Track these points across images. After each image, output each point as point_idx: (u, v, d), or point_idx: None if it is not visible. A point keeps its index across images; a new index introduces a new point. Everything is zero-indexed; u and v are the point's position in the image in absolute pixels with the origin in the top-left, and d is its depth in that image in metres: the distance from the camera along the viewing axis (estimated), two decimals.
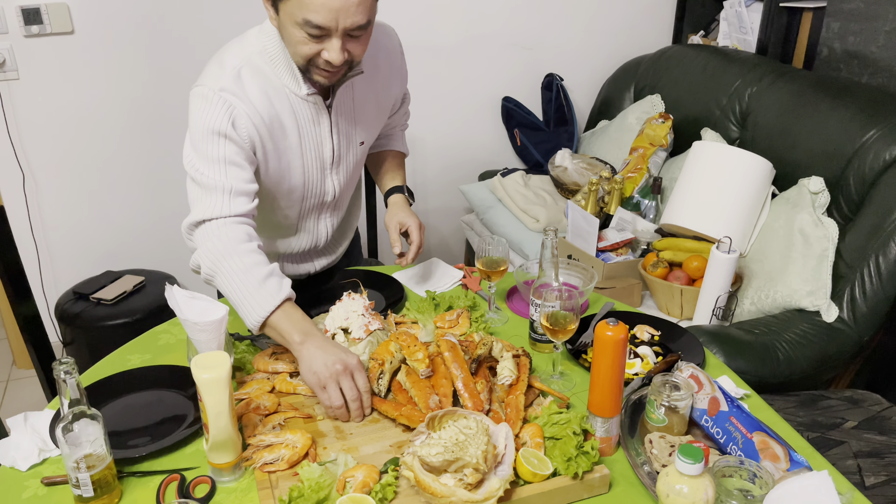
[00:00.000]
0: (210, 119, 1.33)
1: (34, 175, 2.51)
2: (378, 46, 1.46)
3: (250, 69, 1.36)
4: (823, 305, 1.84)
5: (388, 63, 1.53)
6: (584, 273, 1.60)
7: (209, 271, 1.31)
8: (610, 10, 2.98)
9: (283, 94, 1.38)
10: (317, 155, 1.47)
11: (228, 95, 1.33)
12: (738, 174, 2.08)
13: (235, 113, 1.33)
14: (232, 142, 1.34)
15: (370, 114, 1.53)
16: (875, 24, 2.18)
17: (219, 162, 1.34)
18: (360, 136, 1.54)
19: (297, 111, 1.41)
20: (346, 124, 1.49)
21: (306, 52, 1.26)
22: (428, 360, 1.24)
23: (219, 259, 1.29)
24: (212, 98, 1.33)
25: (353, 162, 1.57)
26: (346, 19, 1.21)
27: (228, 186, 1.34)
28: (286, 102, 1.39)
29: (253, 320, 1.25)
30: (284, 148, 1.42)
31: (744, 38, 2.69)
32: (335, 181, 1.54)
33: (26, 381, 2.68)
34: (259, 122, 1.36)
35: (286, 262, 1.68)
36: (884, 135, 1.89)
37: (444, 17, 2.78)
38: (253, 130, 1.36)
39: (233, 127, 1.33)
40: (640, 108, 2.71)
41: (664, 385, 1.14)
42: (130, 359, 1.40)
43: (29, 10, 2.31)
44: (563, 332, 1.26)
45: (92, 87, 2.47)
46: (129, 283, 2.49)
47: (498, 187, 2.67)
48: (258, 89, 1.36)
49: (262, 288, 1.26)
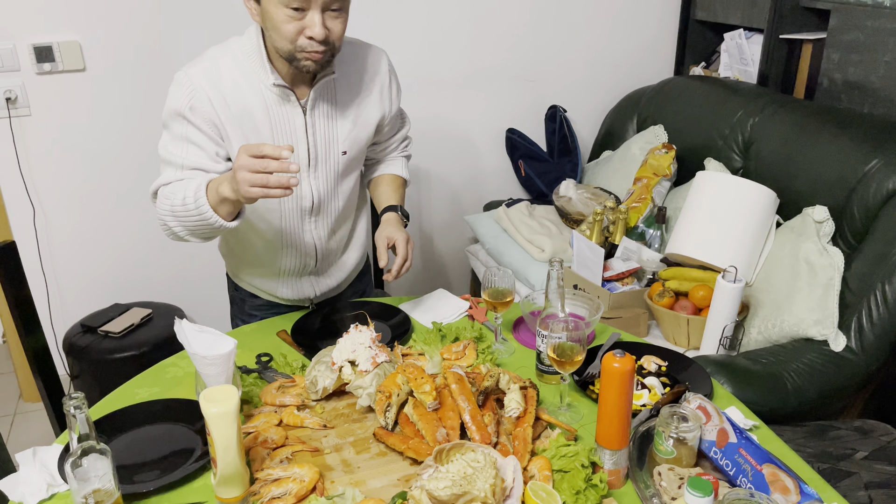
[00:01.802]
0: (174, 99, 1.44)
1: (44, 209, 2.53)
2: (365, 63, 1.57)
3: (229, 61, 1.46)
4: (831, 334, 1.83)
5: (373, 81, 1.59)
6: (591, 303, 1.60)
7: (176, 225, 1.42)
8: (612, 42, 3.02)
9: (257, 89, 1.46)
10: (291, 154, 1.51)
11: (196, 80, 1.43)
12: (742, 204, 2.09)
13: (197, 96, 1.43)
14: (191, 123, 1.44)
15: (349, 124, 1.57)
16: (875, 54, 2.21)
17: (178, 139, 1.46)
18: (342, 146, 1.57)
19: (270, 107, 1.47)
20: (325, 129, 1.54)
21: (290, 32, 1.34)
22: (435, 393, 1.24)
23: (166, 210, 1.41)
24: (181, 80, 1.44)
25: (335, 170, 1.59)
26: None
27: (180, 162, 1.45)
28: (259, 96, 1.46)
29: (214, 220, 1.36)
30: (254, 139, 1.47)
31: (745, 69, 2.72)
32: (312, 185, 1.57)
33: (34, 414, 2.68)
34: (223, 107, 1.44)
35: (283, 285, 1.70)
36: (886, 164, 1.90)
37: (449, 50, 2.82)
38: (214, 115, 1.44)
39: (191, 109, 1.43)
40: (644, 138, 2.73)
41: (672, 416, 1.14)
42: (138, 392, 1.40)
43: (41, 48, 2.36)
44: (570, 363, 1.26)
45: (101, 123, 2.51)
46: (136, 316, 2.50)
47: (503, 217, 2.69)
48: (230, 79, 1.45)
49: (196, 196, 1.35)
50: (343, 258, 1.77)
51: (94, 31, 2.40)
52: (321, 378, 1.34)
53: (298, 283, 1.72)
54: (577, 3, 2.91)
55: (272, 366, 1.48)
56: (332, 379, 1.34)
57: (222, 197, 1.33)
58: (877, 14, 2.19)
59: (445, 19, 2.78)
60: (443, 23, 2.78)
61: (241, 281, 1.78)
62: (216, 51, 1.48)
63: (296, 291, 1.73)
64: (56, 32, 2.37)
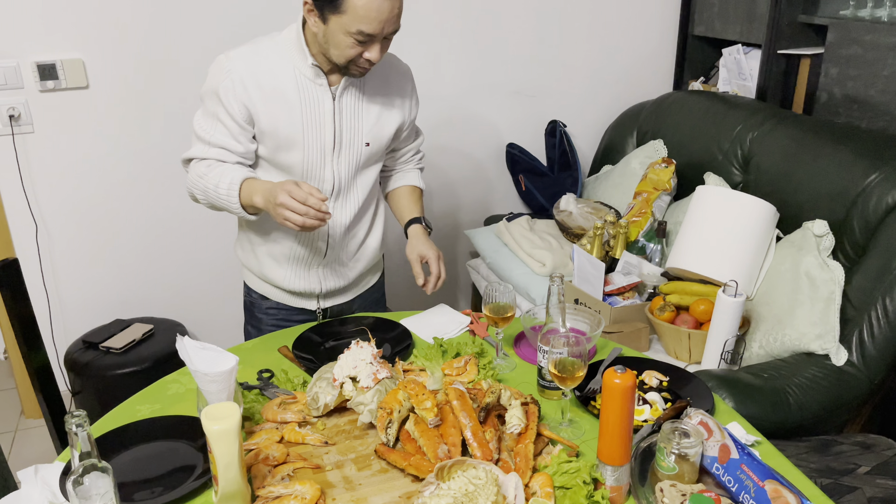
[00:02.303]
0: (211, 78, 1.58)
1: (47, 226, 2.54)
2: (393, 71, 1.70)
3: (268, 46, 1.59)
4: (832, 349, 1.83)
5: (398, 84, 1.71)
6: (592, 318, 1.61)
7: (201, 196, 1.62)
8: (611, 58, 3.04)
9: (291, 73, 1.57)
10: (317, 136, 1.61)
11: (234, 62, 1.55)
12: (742, 218, 2.09)
13: (232, 76, 1.55)
14: (221, 102, 1.56)
15: (373, 118, 1.67)
16: (873, 69, 2.22)
17: (209, 116, 1.60)
18: (366, 137, 1.66)
19: (302, 90, 1.58)
20: (351, 118, 1.64)
21: (352, 55, 1.49)
22: (436, 409, 1.24)
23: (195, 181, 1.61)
24: (220, 61, 1.57)
25: (356, 159, 1.67)
26: (389, 27, 1.48)
27: (208, 138, 1.59)
28: (292, 80, 1.57)
29: (240, 212, 1.57)
30: (287, 120, 1.58)
31: (743, 83, 2.73)
32: (335, 169, 1.65)
33: (35, 430, 2.68)
34: (255, 88, 1.55)
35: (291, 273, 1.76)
36: (886, 178, 1.90)
37: (450, 66, 2.84)
38: (246, 96, 1.55)
39: (224, 89, 1.55)
40: (643, 153, 2.74)
41: (674, 432, 1.14)
42: (140, 409, 1.40)
43: (45, 65, 2.37)
44: (572, 378, 1.26)
45: (104, 139, 2.52)
46: (138, 332, 2.50)
47: (504, 232, 2.69)
48: (267, 62, 1.57)
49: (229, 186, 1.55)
50: (353, 260, 1.80)
51: (97, 49, 2.42)
52: (322, 394, 1.34)
53: (307, 274, 1.76)
54: (577, 19, 2.94)
55: (273, 382, 1.48)
56: (334, 395, 1.34)
57: (253, 203, 1.53)
58: (874, 29, 2.20)
59: (446, 36, 2.80)
60: (444, 39, 2.80)
61: (252, 276, 1.83)
62: (261, 38, 1.61)
63: (304, 282, 1.76)
64: (60, 50, 2.39)
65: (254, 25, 2.50)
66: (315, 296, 1.80)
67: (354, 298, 1.86)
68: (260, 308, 1.85)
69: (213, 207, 1.65)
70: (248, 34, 1.65)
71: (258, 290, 1.83)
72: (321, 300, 1.81)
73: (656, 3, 3.00)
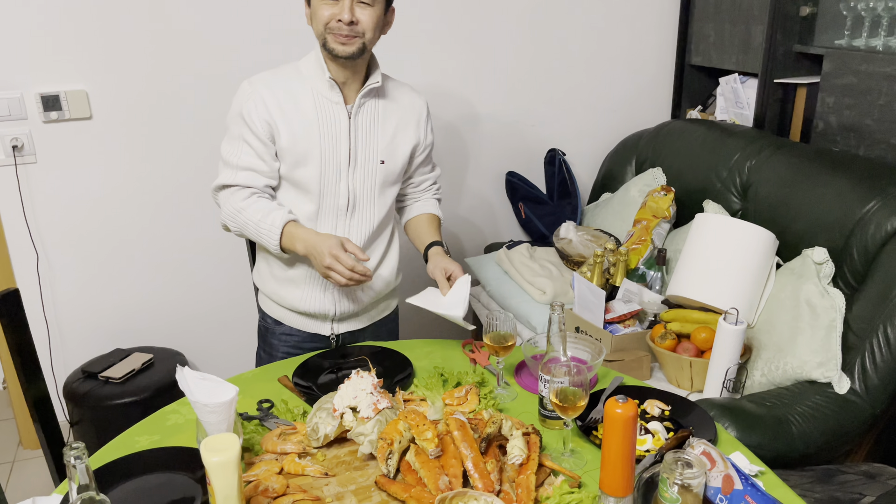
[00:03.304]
0: (235, 103, 1.69)
1: (48, 255, 2.55)
2: (407, 98, 1.79)
3: (290, 69, 1.72)
4: (835, 377, 1.82)
5: (413, 108, 1.80)
6: (593, 346, 1.60)
7: (235, 229, 1.71)
8: (609, 87, 3.07)
9: (310, 94, 1.68)
10: (334, 151, 1.69)
11: (255, 85, 1.67)
12: (741, 245, 2.10)
13: (254, 97, 1.65)
14: (246, 124, 1.66)
15: (388, 138, 1.75)
16: (868, 97, 2.24)
17: (236, 139, 1.69)
18: (380, 154, 1.74)
19: (320, 109, 1.68)
20: (365, 136, 1.72)
21: (325, 16, 1.59)
22: (437, 440, 1.24)
23: (233, 215, 1.69)
24: (243, 87, 1.69)
25: (372, 175, 1.74)
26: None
27: (235, 161, 1.68)
28: (311, 99, 1.68)
29: (277, 253, 1.68)
30: (304, 135, 1.67)
31: (740, 112, 2.76)
32: (350, 185, 1.72)
33: (33, 461, 2.65)
34: (276, 106, 1.65)
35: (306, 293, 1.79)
36: (884, 205, 1.91)
37: (451, 96, 2.87)
38: (267, 114, 1.65)
39: (248, 111, 1.65)
40: (642, 180, 2.76)
41: (676, 462, 1.13)
42: (139, 440, 1.39)
43: (49, 97, 2.40)
44: (573, 408, 1.25)
45: (106, 170, 2.54)
46: (137, 361, 2.49)
47: (504, 259, 2.70)
48: (287, 83, 1.68)
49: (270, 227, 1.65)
50: (367, 286, 1.82)
51: (101, 80, 2.45)
52: (322, 425, 1.33)
53: (322, 296, 1.79)
54: (575, 49, 2.97)
55: (273, 412, 1.47)
56: (334, 426, 1.33)
57: (294, 250, 1.64)
58: (869, 59, 2.23)
59: (447, 66, 2.83)
60: (444, 69, 2.83)
61: (268, 301, 1.86)
62: (281, 66, 1.74)
63: (318, 303, 1.79)
64: (64, 81, 2.42)
65: (258, 58, 2.53)
66: (329, 318, 1.82)
67: (367, 326, 1.88)
68: (273, 333, 1.87)
69: (242, 236, 1.74)
70: (250, 67, 1.68)
71: (273, 315, 1.86)
72: (335, 324, 1.83)
73: (653, 33, 3.04)
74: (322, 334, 1.84)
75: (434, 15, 2.75)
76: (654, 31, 3.04)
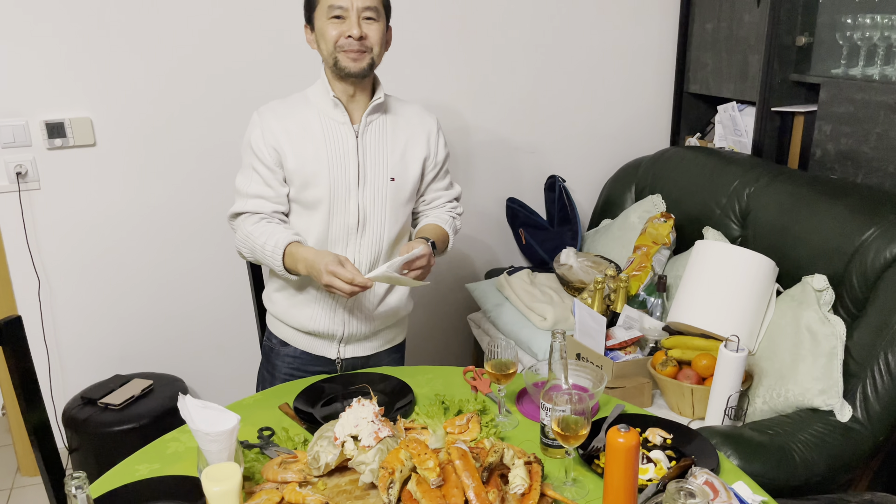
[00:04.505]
0: (247, 134, 1.75)
1: (49, 281, 2.55)
2: (416, 114, 1.83)
3: (298, 96, 1.77)
4: (836, 404, 1.82)
5: (422, 123, 1.83)
6: (594, 373, 1.60)
7: (248, 254, 1.75)
8: (609, 114, 3.10)
9: (317, 117, 1.73)
10: (342, 170, 1.72)
11: (263, 115, 1.73)
12: (741, 272, 2.10)
13: (262, 126, 1.71)
14: (255, 154, 1.72)
15: (397, 155, 1.77)
16: (866, 126, 2.26)
17: (247, 168, 1.75)
18: (390, 172, 1.76)
19: (326, 128, 1.72)
20: (374, 154, 1.75)
21: (333, 35, 1.64)
22: (439, 469, 1.23)
23: (244, 240, 1.74)
24: (253, 118, 1.75)
25: (382, 193, 1.76)
26: (359, 2, 1.62)
27: (245, 190, 1.74)
28: (318, 122, 1.72)
29: (283, 274, 1.70)
30: (312, 156, 1.70)
31: (739, 139, 2.78)
32: (360, 202, 1.74)
33: (31, 489, 2.63)
34: (283, 132, 1.70)
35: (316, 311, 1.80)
36: (883, 233, 1.92)
37: (452, 123, 2.89)
38: (274, 140, 1.70)
39: (256, 140, 1.71)
40: (642, 207, 2.77)
41: (679, 492, 1.12)
42: (138, 469, 1.39)
43: (53, 124, 2.42)
44: (575, 437, 1.25)
45: (109, 197, 2.55)
46: (137, 388, 2.49)
47: (504, 285, 2.70)
48: (294, 109, 1.74)
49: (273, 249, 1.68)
50: (378, 306, 1.83)
51: (105, 108, 2.47)
52: (323, 453, 1.33)
53: (332, 315, 1.80)
54: (575, 77, 3.01)
55: (274, 440, 1.47)
56: (335, 454, 1.32)
57: (297, 270, 1.67)
58: (866, 88, 2.25)
59: (448, 93, 2.86)
60: (445, 97, 2.86)
61: (276, 321, 1.88)
62: (293, 94, 1.79)
63: (328, 323, 1.80)
64: (68, 108, 2.44)
65: (264, 87, 2.56)
66: (336, 340, 1.83)
67: (372, 355, 1.88)
68: (278, 354, 1.88)
69: (257, 262, 1.78)
70: (257, 96, 1.70)
71: (280, 335, 1.88)
72: (341, 346, 1.83)
73: (652, 61, 3.08)
74: (328, 357, 1.84)
75: (434, 42, 2.78)
76: (652, 60, 3.08)
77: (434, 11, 2.75)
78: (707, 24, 2.89)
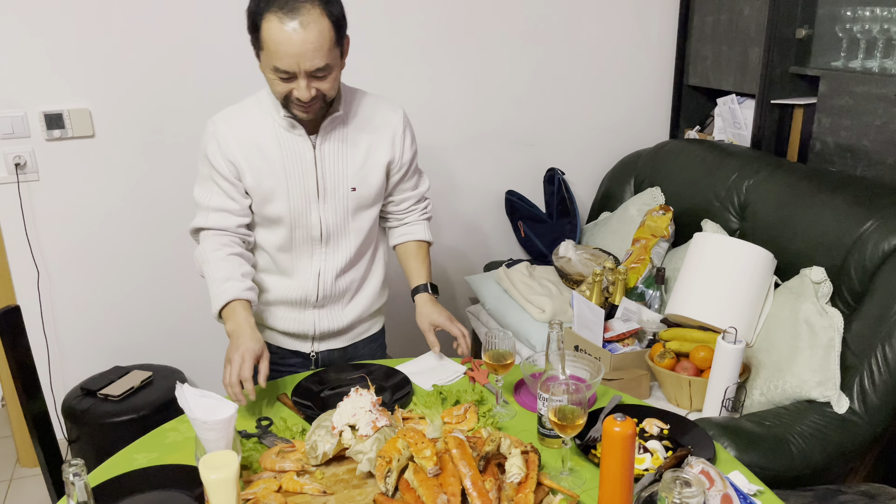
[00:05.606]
0: (202, 145, 1.66)
1: (49, 272, 2.56)
2: (378, 114, 1.71)
3: (252, 103, 1.66)
4: (833, 396, 1.82)
5: (384, 128, 1.71)
6: (592, 365, 1.60)
7: (199, 271, 1.67)
8: (608, 107, 3.10)
9: (271, 126, 1.63)
10: (301, 184, 1.65)
11: (217, 124, 1.63)
12: (740, 264, 2.10)
13: (216, 138, 1.62)
14: (212, 165, 1.63)
15: (358, 163, 1.68)
16: (865, 118, 2.26)
17: (205, 180, 1.67)
18: (351, 182, 1.68)
19: (282, 141, 1.63)
20: (333, 165, 1.66)
21: (281, 91, 1.52)
22: (436, 458, 1.24)
23: (201, 263, 1.67)
24: (207, 127, 1.65)
25: (344, 204, 1.70)
26: (306, 63, 1.45)
27: (206, 203, 1.66)
28: (272, 133, 1.63)
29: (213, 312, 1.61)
30: (269, 172, 1.63)
31: (738, 132, 2.78)
32: (322, 216, 1.68)
33: (30, 479, 2.64)
34: (237, 144, 1.61)
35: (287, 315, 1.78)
36: (881, 225, 1.92)
37: (451, 116, 2.89)
38: (230, 152, 1.61)
39: (211, 152, 1.63)
40: (641, 199, 2.77)
41: (675, 481, 1.13)
42: (137, 458, 1.39)
43: (52, 115, 2.42)
44: (572, 427, 1.26)
45: (108, 188, 2.55)
46: (136, 379, 2.49)
47: (503, 278, 2.70)
48: (248, 118, 1.63)
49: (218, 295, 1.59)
50: (349, 305, 1.82)
51: (104, 99, 2.47)
52: (321, 443, 1.33)
53: (301, 316, 1.79)
54: (575, 69, 3.00)
55: (272, 430, 1.47)
56: (332, 444, 1.33)
57: (225, 323, 1.58)
58: (865, 80, 2.25)
59: (447, 86, 2.86)
60: (445, 89, 2.86)
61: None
62: (248, 97, 1.68)
63: (298, 324, 1.79)
64: (67, 100, 2.44)
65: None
66: (309, 338, 1.82)
67: (348, 346, 1.87)
68: None
69: None
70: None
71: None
72: (315, 342, 1.83)
73: (651, 54, 3.08)
74: (302, 352, 1.84)
75: (434, 34, 2.78)
76: (652, 53, 3.08)
77: (435, 3, 2.74)
78: (707, 17, 2.88)
